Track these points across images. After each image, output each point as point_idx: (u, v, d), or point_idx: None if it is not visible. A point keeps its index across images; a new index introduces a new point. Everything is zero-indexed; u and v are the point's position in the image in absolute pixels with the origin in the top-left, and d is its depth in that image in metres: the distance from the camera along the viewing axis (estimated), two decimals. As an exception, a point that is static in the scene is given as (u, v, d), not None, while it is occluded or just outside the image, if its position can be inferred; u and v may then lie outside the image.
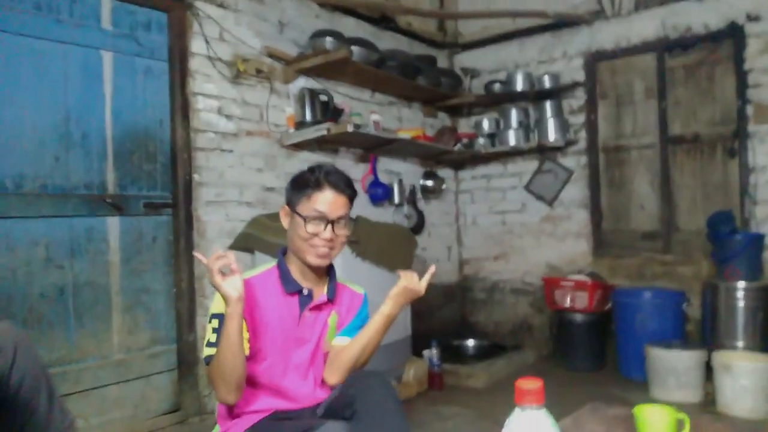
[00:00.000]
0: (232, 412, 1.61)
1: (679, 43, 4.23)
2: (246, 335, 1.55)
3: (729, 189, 4.08)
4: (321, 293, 1.71)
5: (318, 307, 1.69)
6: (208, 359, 1.51)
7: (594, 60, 4.58)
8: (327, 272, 1.76)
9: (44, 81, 2.66)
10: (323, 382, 1.70)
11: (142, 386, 2.97)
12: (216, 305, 1.55)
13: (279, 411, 1.61)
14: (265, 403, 1.61)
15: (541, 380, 0.91)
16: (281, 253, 1.74)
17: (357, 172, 4.11)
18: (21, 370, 0.98)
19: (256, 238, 3.23)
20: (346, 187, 1.67)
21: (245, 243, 3.29)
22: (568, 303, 4.16)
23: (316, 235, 1.60)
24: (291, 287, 1.66)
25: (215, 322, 1.53)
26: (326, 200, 1.61)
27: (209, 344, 1.53)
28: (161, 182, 3.10)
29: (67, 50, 2.74)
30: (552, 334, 4.55)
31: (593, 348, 4.17)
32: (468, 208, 5.27)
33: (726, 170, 4.11)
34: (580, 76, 4.61)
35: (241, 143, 3.41)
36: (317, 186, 1.62)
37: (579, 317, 4.16)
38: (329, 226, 1.61)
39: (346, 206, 1.67)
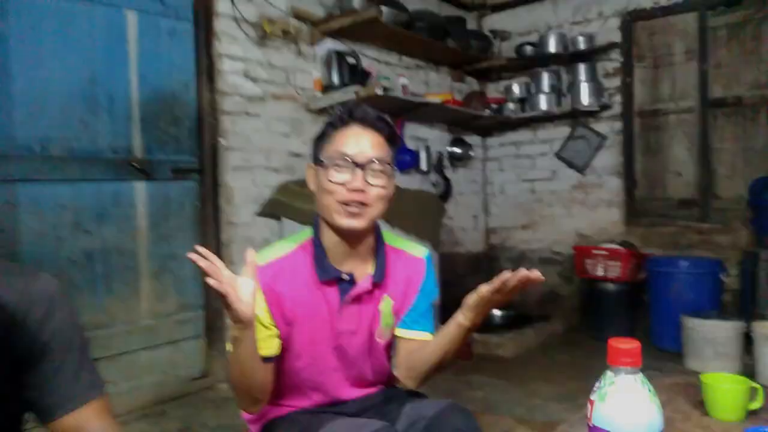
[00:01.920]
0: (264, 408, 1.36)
1: (723, 1, 4.01)
2: (275, 331, 1.27)
3: (772, 155, 3.91)
4: (366, 274, 1.34)
5: (360, 297, 1.33)
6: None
7: (631, 20, 4.38)
8: (375, 243, 1.37)
9: (69, 42, 2.60)
10: (386, 377, 1.43)
11: (171, 352, 2.97)
12: None
13: (318, 405, 1.36)
14: (305, 399, 1.36)
15: (638, 342, 0.81)
16: (316, 223, 1.36)
17: (384, 137, 4.01)
18: (53, 325, 0.93)
19: (285, 204, 3.17)
20: (378, 121, 1.30)
21: (273, 209, 3.24)
22: (600, 272, 4.06)
23: (342, 185, 1.24)
24: (326, 274, 1.30)
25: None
26: (352, 139, 1.26)
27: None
28: (188, 147, 3.04)
29: (91, 10, 2.66)
30: (581, 305, 4.46)
31: (625, 318, 4.08)
32: (496, 176, 5.15)
33: (769, 135, 3.93)
34: (616, 37, 4.42)
35: (268, 107, 3.33)
36: (341, 123, 1.29)
37: (611, 287, 4.07)
38: (359, 172, 1.23)
39: (381, 147, 1.28)
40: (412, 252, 1.44)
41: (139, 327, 2.84)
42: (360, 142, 1.26)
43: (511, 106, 4.69)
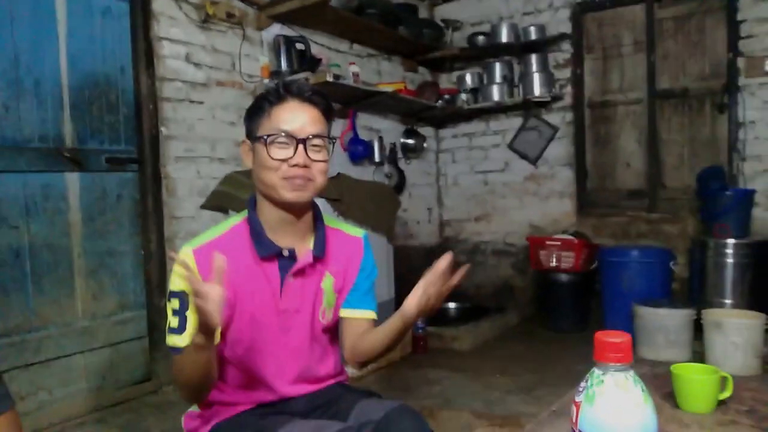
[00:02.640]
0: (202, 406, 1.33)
1: (670, -7, 4.07)
2: None
3: (717, 145, 4.00)
4: (306, 250, 1.31)
5: (303, 271, 1.30)
6: (174, 350, 1.20)
7: (581, 11, 4.40)
8: (314, 220, 1.36)
9: (-13, 19, 2.36)
10: (330, 360, 1.40)
11: (110, 355, 2.77)
12: (174, 281, 1.22)
13: (263, 404, 1.30)
14: (244, 396, 1.31)
15: (629, 335, 0.72)
16: (251, 203, 1.33)
17: (336, 128, 3.87)
18: None
19: (231, 196, 3.01)
20: (314, 95, 1.27)
21: (218, 202, 3.07)
22: (553, 263, 4.06)
23: (284, 161, 1.22)
24: (266, 250, 1.27)
25: (175, 303, 1.21)
26: (290, 114, 1.24)
27: (171, 330, 1.21)
28: (125, 135, 2.84)
29: (13, -16, 2.43)
30: (536, 296, 4.47)
31: (578, 308, 4.10)
32: (449, 167, 5.11)
33: (714, 126, 4.01)
34: (567, 27, 4.43)
35: (212, 94, 3.15)
36: (277, 98, 1.26)
37: (564, 277, 4.08)
38: (300, 147, 1.22)
39: (319, 122, 1.27)
40: (350, 232, 1.45)
41: (74, 329, 2.63)
42: (299, 117, 1.25)
43: (463, 96, 4.64)
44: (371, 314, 1.40)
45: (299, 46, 3.43)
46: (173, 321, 1.22)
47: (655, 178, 4.21)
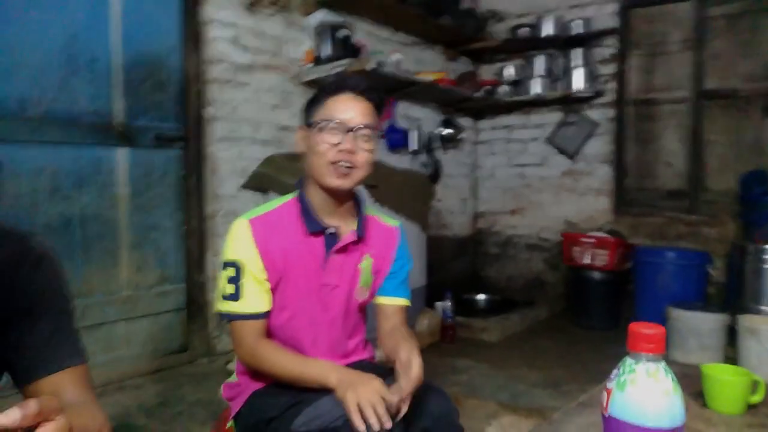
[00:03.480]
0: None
1: (723, -9, 3.96)
2: (267, 285, 1.33)
3: (763, 149, 3.90)
4: (350, 230, 1.41)
5: (345, 249, 1.40)
6: (227, 316, 1.32)
7: (629, 6, 4.32)
8: (355, 206, 1.46)
9: (47, -2, 2.46)
10: (359, 337, 1.50)
11: (150, 325, 2.88)
12: (231, 250, 1.33)
13: None
14: None
15: (663, 327, 0.75)
16: (300, 185, 1.44)
17: (375, 115, 3.92)
18: (40, 286, 0.91)
19: (271, 177, 3.08)
20: (368, 90, 1.38)
21: (259, 182, 3.15)
22: (587, 260, 4.03)
23: (335, 146, 1.31)
24: (314, 226, 1.37)
25: (231, 271, 1.31)
26: (344, 105, 1.34)
27: (226, 297, 1.32)
28: (172, 114, 2.93)
29: (73, -36, 2.52)
30: (567, 292, 4.45)
31: (610, 307, 4.07)
32: (486, 159, 5.10)
33: (761, 129, 3.91)
34: (614, 22, 4.36)
35: (256, 77, 3.22)
36: (334, 90, 1.37)
37: (597, 275, 4.05)
38: (349, 135, 1.32)
39: (369, 114, 1.36)
40: (387, 222, 1.54)
41: (117, 298, 2.75)
42: (351, 108, 1.34)
43: (504, 88, 4.62)
44: (405, 302, 1.50)
45: (343, 32, 3.46)
46: (228, 288, 1.32)
47: (696, 179, 4.13)
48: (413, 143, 4.27)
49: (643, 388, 0.72)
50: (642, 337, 0.73)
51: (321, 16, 3.50)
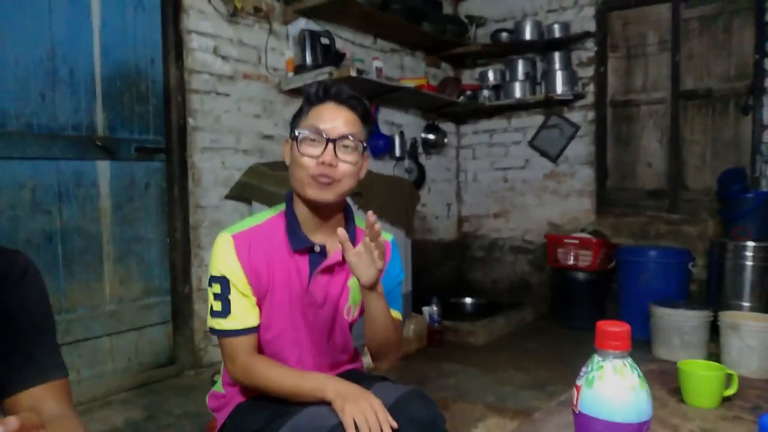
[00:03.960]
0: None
1: (697, -7, 4.04)
2: (254, 300, 1.30)
3: (740, 147, 3.97)
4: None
5: (331, 269, 1.35)
6: (217, 333, 1.28)
7: (606, 9, 4.39)
8: (345, 220, 1.41)
9: (27, 11, 2.45)
10: (347, 353, 1.46)
11: (136, 338, 2.87)
12: (215, 266, 1.29)
13: None
14: None
15: (627, 325, 0.77)
16: (288, 198, 1.38)
17: (358, 122, 3.94)
18: (22, 300, 0.91)
19: (254, 187, 3.09)
20: (352, 99, 1.31)
21: (242, 192, 3.15)
22: (571, 261, 4.08)
23: (314, 158, 1.26)
24: (299, 243, 1.32)
25: (216, 287, 1.27)
26: (326, 115, 1.28)
27: (215, 314, 1.28)
28: (154, 125, 2.93)
29: (50, -22, 2.52)
30: (552, 293, 4.49)
31: (594, 306, 4.11)
32: (469, 163, 5.13)
33: (738, 127, 3.98)
34: (591, 26, 4.43)
35: (238, 87, 3.23)
36: (316, 100, 1.31)
37: (581, 275, 4.09)
38: (330, 147, 1.26)
39: (353, 124, 1.30)
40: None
41: (102, 312, 2.73)
42: (334, 118, 1.29)
43: (485, 93, 4.67)
44: (396, 314, 1.40)
45: (324, 40, 3.49)
46: (216, 305, 1.28)
47: (676, 178, 4.20)
48: (396, 149, 4.30)
49: (610, 384, 0.74)
50: (608, 335, 0.75)
51: (302, 24, 3.52)
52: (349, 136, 1.29)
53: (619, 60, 4.42)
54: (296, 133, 1.30)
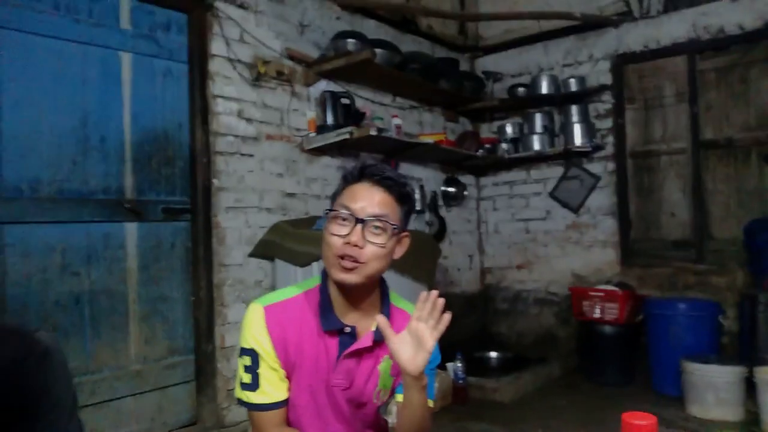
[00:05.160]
0: None
1: (712, 45, 4.09)
2: (283, 373, 1.29)
3: (765, 196, 3.92)
4: (369, 330, 1.32)
5: (359, 352, 1.31)
6: (246, 405, 1.29)
7: (621, 63, 4.45)
8: (381, 299, 1.36)
9: (62, 82, 2.58)
10: (373, 429, 1.43)
11: (159, 398, 2.87)
12: (245, 338, 1.29)
13: None
14: None
15: (655, 417, 0.75)
16: (324, 273, 1.35)
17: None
18: (46, 382, 0.90)
19: (277, 245, 3.12)
20: (386, 179, 1.28)
21: (265, 250, 3.19)
22: (597, 314, 4.00)
23: (340, 238, 1.23)
24: (329, 324, 1.30)
25: (247, 360, 1.27)
26: (358, 193, 1.26)
27: (244, 386, 1.28)
28: (180, 187, 3.00)
29: (85, 51, 2.65)
30: (579, 347, 4.39)
31: (623, 361, 4.01)
32: (490, 215, 5.14)
33: (762, 176, 3.95)
34: (607, 79, 4.48)
35: (262, 147, 3.31)
36: (352, 178, 1.30)
37: (608, 329, 4.01)
38: (358, 227, 1.23)
39: (386, 205, 1.26)
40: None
41: (127, 372, 2.74)
42: (366, 198, 1.27)
43: (504, 146, 4.71)
44: (429, 402, 1.34)
45: (344, 100, 3.58)
46: (245, 377, 1.27)
47: (701, 228, 4.14)
48: (417, 203, 4.33)
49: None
50: (634, 429, 0.73)
51: (323, 86, 3.64)
52: (380, 218, 1.25)
53: (637, 111, 4.44)
54: (329, 211, 1.29)
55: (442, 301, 1.17)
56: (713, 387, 3.21)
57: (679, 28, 4.18)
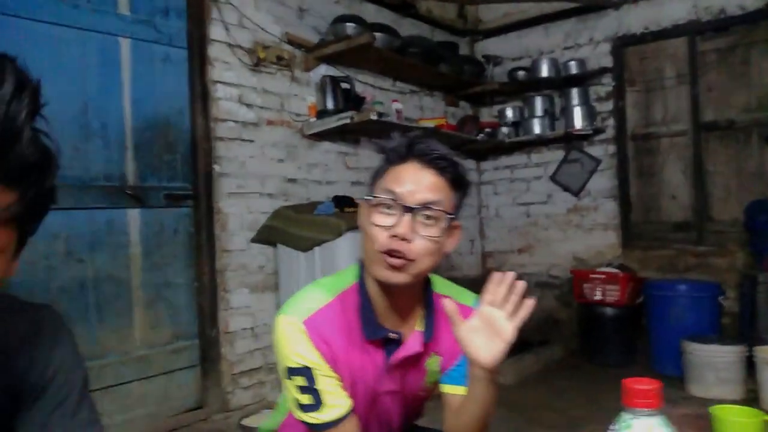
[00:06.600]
0: None
1: (712, 26, 4.06)
2: (339, 381, 1.12)
3: (765, 177, 3.92)
4: (414, 331, 1.17)
5: (408, 359, 1.16)
6: (318, 427, 1.09)
7: (622, 45, 4.43)
8: (422, 293, 1.19)
9: (61, 69, 2.57)
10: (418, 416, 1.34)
11: (165, 382, 2.89)
12: (289, 357, 1.09)
13: None
14: None
15: (659, 382, 0.75)
16: (361, 268, 1.17)
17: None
18: (56, 361, 0.90)
19: (279, 230, 3.14)
20: (439, 158, 1.08)
21: (267, 236, 3.20)
22: (598, 296, 4.02)
23: (387, 229, 1.05)
24: (374, 333, 1.13)
25: (300, 380, 1.09)
26: (405, 176, 1.07)
27: (306, 408, 1.09)
28: (182, 173, 3.01)
29: (84, 37, 2.64)
30: (580, 329, 4.41)
31: (624, 343, 4.04)
32: (491, 199, 5.14)
33: (762, 158, 3.95)
34: (608, 61, 4.46)
35: (262, 133, 3.31)
36: (398, 157, 1.10)
37: (609, 311, 4.03)
38: (406, 216, 1.04)
39: (439, 191, 1.08)
40: (463, 301, 1.20)
41: (132, 357, 2.77)
42: (415, 181, 1.07)
43: (504, 130, 4.71)
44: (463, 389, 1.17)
45: (344, 85, 3.57)
46: (304, 398, 1.09)
47: (701, 210, 4.15)
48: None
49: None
50: (637, 393, 0.73)
51: (322, 70, 3.62)
52: (432, 205, 1.06)
53: (638, 94, 4.43)
54: (370, 196, 1.11)
55: (522, 284, 1.01)
56: (713, 366, 3.24)
57: (679, 9, 4.15)
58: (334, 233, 2.94)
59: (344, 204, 3.21)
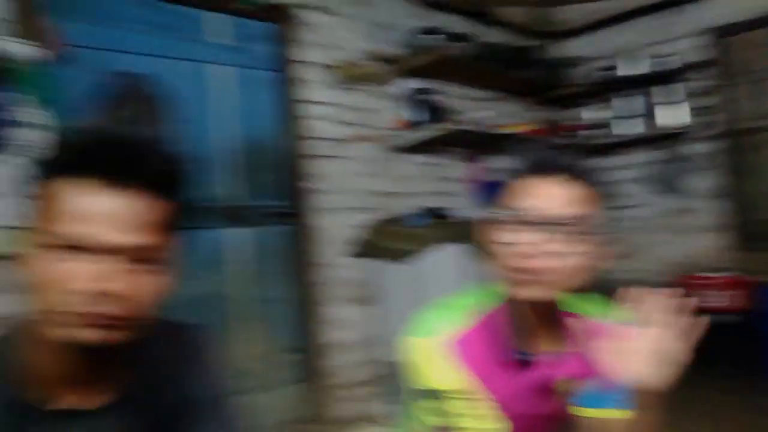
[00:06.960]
0: None
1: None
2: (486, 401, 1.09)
3: None
4: (551, 351, 1.12)
5: (549, 380, 1.11)
6: None
7: (721, 35, 4.17)
8: (555, 312, 1.12)
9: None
10: None
11: (267, 398, 2.97)
12: (425, 378, 1.08)
13: None
14: None
15: None
16: (492, 288, 1.14)
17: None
18: (203, 378, 0.93)
19: (374, 243, 3.17)
20: (577, 170, 1.03)
21: (364, 250, 3.24)
22: (705, 303, 3.79)
23: (523, 246, 1.00)
24: (510, 354, 1.10)
25: (434, 403, 1.07)
26: (541, 189, 1.02)
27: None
28: (279, 191, 3.12)
29: (176, 66, 2.79)
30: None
31: (737, 352, 3.76)
32: (581, 204, 4.96)
33: None
34: (706, 54, 4.22)
35: (352, 149, 3.37)
36: (532, 169, 1.05)
37: (719, 318, 3.78)
38: (544, 233, 0.99)
39: (576, 201, 1.02)
40: (593, 314, 1.19)
41: (235, 373, 2.86)
42: (553, 194, 1.02)
43: (594, 132, 4.55)
44: (616, 413, 1.02)
45: (430, 97, 3.59)
46: (437, 421, 1.08)
47: (819, 207, 3.83)
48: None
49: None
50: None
51: (407, 83, 3.65)
52: (572, 219, 1.00)
53: (741, 87, 4.16)
54: (496, 212, 1.06)
55: (691, 301, 0.95)
56: None
57: (785, -7, 3.88)
58: (428, 244, 2.94)
59: (436, 215, 3.21)
